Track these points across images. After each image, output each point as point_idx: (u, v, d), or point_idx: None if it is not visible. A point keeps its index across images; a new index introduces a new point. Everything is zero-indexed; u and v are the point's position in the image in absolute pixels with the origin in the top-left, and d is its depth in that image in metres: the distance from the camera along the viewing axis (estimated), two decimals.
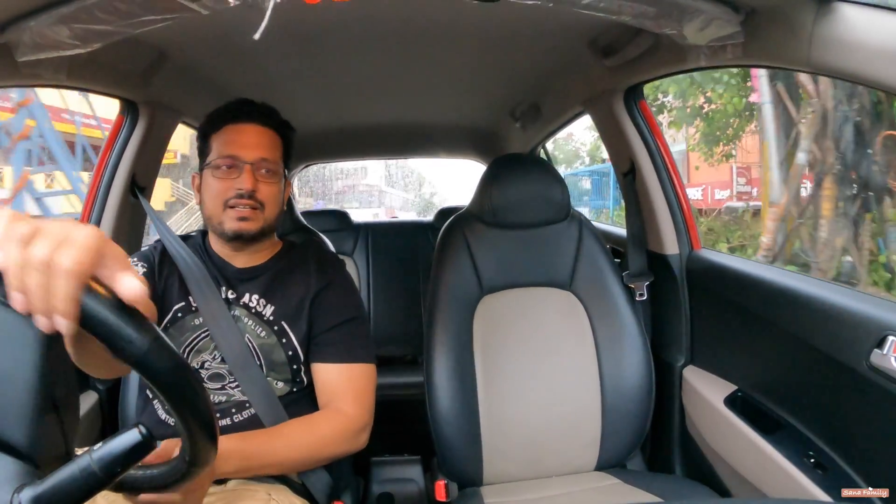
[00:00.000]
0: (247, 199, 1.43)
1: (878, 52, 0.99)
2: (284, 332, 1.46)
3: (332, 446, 1.37)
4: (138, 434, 0.66)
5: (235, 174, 1.43)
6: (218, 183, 1.44)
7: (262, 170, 1.45)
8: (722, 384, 1.75)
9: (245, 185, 1.42)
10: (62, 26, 1.14)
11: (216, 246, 1.54)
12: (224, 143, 1.46)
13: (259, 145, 1.46)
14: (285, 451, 1.29)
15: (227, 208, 1.44)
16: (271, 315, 1.47)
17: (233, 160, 1.44)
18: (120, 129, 1.87)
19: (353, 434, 1.40)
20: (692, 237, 1.97)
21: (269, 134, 1.50)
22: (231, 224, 1.44)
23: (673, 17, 1.21)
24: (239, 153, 1.44)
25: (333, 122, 2.94)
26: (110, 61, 1.58)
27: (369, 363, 1.50)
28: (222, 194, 1.44)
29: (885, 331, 1.20)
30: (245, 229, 1.44)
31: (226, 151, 1.45)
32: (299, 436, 1.33)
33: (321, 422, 1.39)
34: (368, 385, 1.48)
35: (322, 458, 1.37)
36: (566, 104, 2.40)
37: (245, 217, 1.44)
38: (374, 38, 1.79)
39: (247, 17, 1.40)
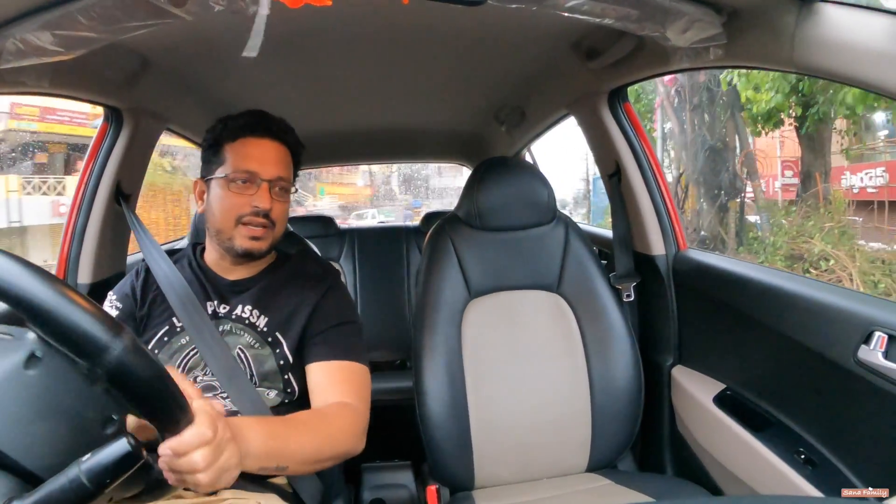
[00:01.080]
0: (262, 217, 1.42)
1: (860, 51, 1.00)
2: (278, 342, 1.45)
3: (343, 439, 1.29)
4: (126, 445, 0.66)
5: (252, 190, 1.42)
6: (232, 197, 1.43)
7: (277, 188, 1.45)
8: (710, 383, 1.76)
9: (263, 204, 1.41)
10: (46, 32, 1.13)
11: (211, 259, 1.53)
12: (242, 156, 1.44)
13: (277, 162, 1.46)
14: (305, 435, 1.20)
15: (239, 224, 1.43)
16: (265, 326, 1.45)
17: (250, 175, 1.42)
18: (104, 136, 1.86)
19: (361, 430, 1.36)
20: (678, 237, 1.98)
21: (285, 152, 1.49)
22: (242, 242, 1.43)
23: (656, 19, 1.22)
24: (258, 169, 1.43)
25: (319, 126, 2.93)
26: (94, 68, 1.57)
27: (365, 365, 1.48)
28: (236, 209, 1.42)
29: (871, 326, 1.22)
30: (256, 248, 1.44)
31: (244, 166, 1.43)
32: (315, 422, 1.27)
33: (333, 412, 1.33)
34: (366, 385, 1.46)
35: (335, 453, 1.28)
36: (550, 107, 2.41)
37: (257, 237, 1.43)
38: (358, 43, 1.79)
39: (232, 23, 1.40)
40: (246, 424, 1.06)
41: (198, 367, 1.43)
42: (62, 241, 1.85)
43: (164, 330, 1.44)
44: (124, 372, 0.69)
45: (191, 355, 1.43)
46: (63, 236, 1.85)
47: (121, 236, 1.95)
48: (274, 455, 1.11)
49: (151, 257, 1.53)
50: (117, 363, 0.68)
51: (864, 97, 7.44)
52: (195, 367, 1.43)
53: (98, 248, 1.85)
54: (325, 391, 1.40)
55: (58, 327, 0.66)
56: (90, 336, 0.67)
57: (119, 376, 0.69)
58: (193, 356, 1.43)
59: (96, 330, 0.67)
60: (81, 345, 0.67)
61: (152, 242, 1.59)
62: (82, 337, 0.67)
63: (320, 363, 1.43)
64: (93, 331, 0.67)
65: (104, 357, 0.67)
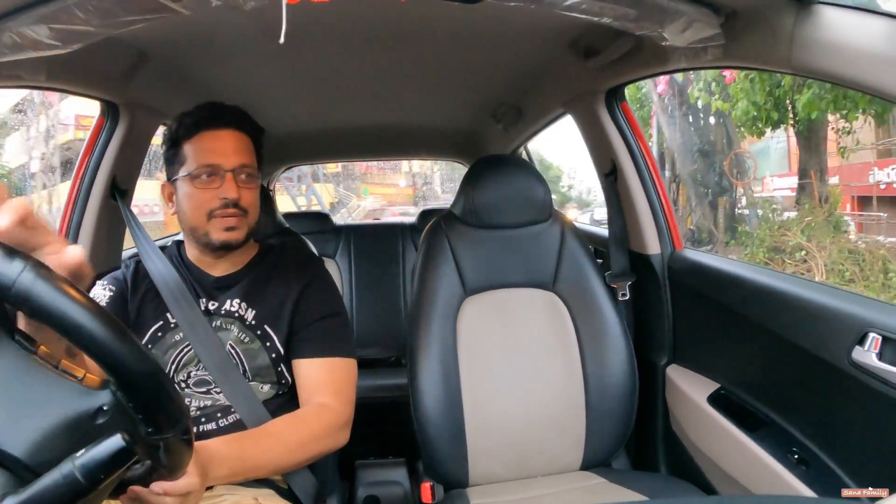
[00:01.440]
0: (232, 207, 1.41)
1: (858, 53, 1.00)
2: (267, 335, 1.45)
3: (321, 441, 1.35)
4: (121, 440, 0.66)
5: (217, 183, 1.41)
6: (200, 193, 1.42)
7: (243, 175, 1.43)
8: (705, 382, 1.76)
9: (230, 194, 1.40)
10: (42, 26, 1.12)
11: (193, 256, 1.53)
12: (201, 150, 1.43)
13: (238, 150, 1.44)
14: (277, 448, 1.27)
15: (211, 218, 1.41)
16: (253, 319, 1.45)
17: (213, 168, 1.41)
18: (100, 130, 1.85)
19: (338, 428, 1.39)
20: (674, 237, 1.98)
21: (244, 138, 1.48)
22: (218, 234, 1.42)
23: (654, 18, 1.22)
24: (219, 161, 1.41)
25: (315, 123, 2.93)
26: (91, 62, 1.56)
27: (349, 358, 1.48)
28: (205, 204, 1.41)
29: (866, 328, 1.22)
30: (233, 238, 1.43)
31: (205, 160, 1.42)
32: (289, 432, 1.31)
33: (308, 416, 1.37)
34: (349, 379, 1.47)
35: (311, 454, 1.34)
36: (547, 105, 2.41)
37: (232, 227, 1.42)
38: (356, 40, 1.78)
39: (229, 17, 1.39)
40: (215, 452, 1.13)
41: (192, 363, 1.43)
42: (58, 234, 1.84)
43: (158, 325, 1.44)
44: (179, 445, 0.76)
45: (185, 352, 1.43)
46: (58, 230, 1.84)
47: (116, 231, 1.94)
48: (241, 474, 1.20)
49: (145, 253, 1.52)
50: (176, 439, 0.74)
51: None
52: (189, 363, 1.43)
53: (94, 243, 1.84)
54: (309, 390, 1.43)
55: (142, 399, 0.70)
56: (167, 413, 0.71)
57: (173, 447, 0.75)
58: (187, 352, 1.43)
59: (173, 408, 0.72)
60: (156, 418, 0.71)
61: (146, 238, 1.58)
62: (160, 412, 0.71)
63: (304, 360, 1.45)
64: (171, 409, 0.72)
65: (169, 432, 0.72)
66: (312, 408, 1.39)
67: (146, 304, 1.46)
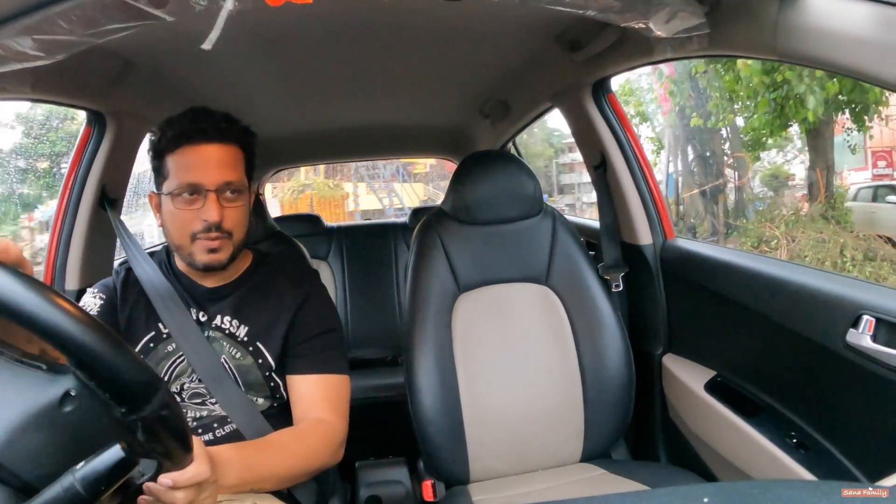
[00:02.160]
0: (215, 231, 1.35)
1: (842, 38, 1.01)
2: (259, 351, 1.43)
3: (321, 457, 1.33)
4: (120, 451, 0.66)
5: (199, 203, 1.34)
6: (181, 213, 1.36)
7: (227, 193, 1.36)
8: (701, 370, 1.77)
9: (211, 217, 1.33)
10: (26, 37, 1.11)
11: (182, 266, 1.48)
12: (183, 168, 1.35)
13: (221, 167, 1.36)
14: (280, 460, 1.25)
15: (195, 240, 1.36)
16: (245, 336, 1.43)
17: (193, 187, 1.34)
18: (88, 140, 1.84)
19: (336, 445, 1.38)
20: (665, 227, 1.99)
21: (230, 151, 1.39)
22: (201, 257, 1.37)
23: (638, 10, 1.22)
24: (200, 179, 1.34)
25: (303, 125, 2.92)
26: (76, 72, 1.55)
27: (344, 374, 1.46)
28: (187, 225, 1.36)
29: (860, 310, 1.23)
30: (216, 260, 1.37)
31: (186, 178, 1.34)
32: (291, 445, 1.30)
33: (307, 431, 1.35)
34: (343, 396, 1.45)
35: (311, 469, 1.33)
36: (535, 99, 2.42)
37: (214, 249, 1.36)
38: (341, 40, 1.78)
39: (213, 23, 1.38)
40: (225, 458, 1.11)
41: (184, 374, 1.41)
42: (48, 247, 1.83)
43: (150, 336, 1.42)
44: (161, 423, 0.71)
45: (177, 363, 1.41)
46: (49, 243, 1.83)
47: (107, 241, 1.93)
48: (248, 483, 1.17)
49: (136, 262, 1.49)
50: (155, 415, 0.70)
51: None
52: (182, 374, 1.41)
53: (85, 253, 1.83)
54: (304, 407, 1.41)
55: (103, 374, 0.67)
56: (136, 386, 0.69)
57: (153, 426, 0.71)
58: (180, 363, 1.41)
59: (143, 379, 0.70)
60: (124, 394, 0.68)
61: (137, 247, 1.56)
62: (126, 386, 0.68)
63: (299, 377, 1.43)
64: (138, 381, 0.69)
65: (146, 408, 0.69)
66: (311, 423, 1.37)
67: (137, 314, 1.43)
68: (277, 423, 1.40)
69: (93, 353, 0.65)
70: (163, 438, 0.74)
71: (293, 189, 18.79)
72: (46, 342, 0.65)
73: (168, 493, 0.93)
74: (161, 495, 0.93)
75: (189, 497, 0.95)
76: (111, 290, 1.47)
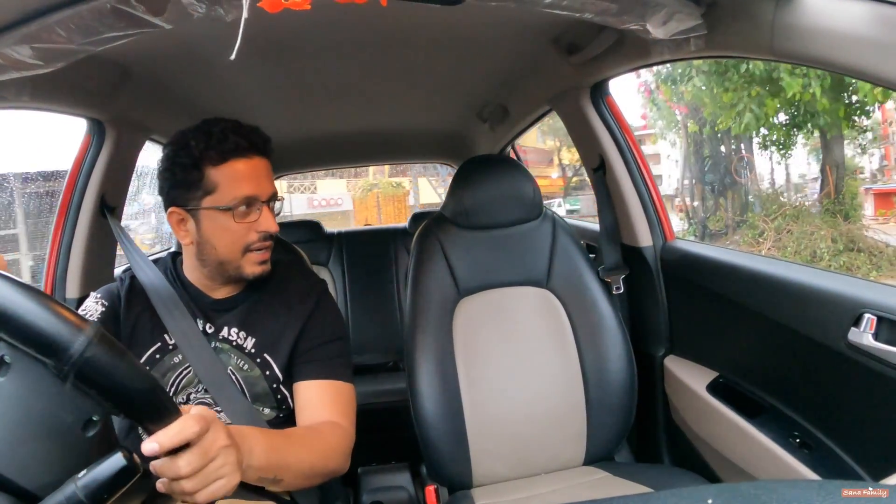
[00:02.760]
0: (269, 240, 1.39)
1: (839, 37, 1.01)
2: (267, 363, 1.42)
3: (335, 458, 1.31)
4: (122, 459, 0.65)
5: (254, 216, 1.37)
6: (237, 228, 1.36)
7: (272, 205, 1.41)
8: (703, 371, 1.77)
9: (272, 228, 1.38)
10: (24, 46, 1.11)
11: (193, 276, 1.47)
12: (236, 180, 1.35)
13: (269, 179, 1.40)
14: (303, 452, 1.22)
15: (247, 252, 1.38)
16: (252, 347, 1.42)
17: (251, 200, 1.36)
18: (87, 148, 1.84)
19: (348, 450, 1.36)
20: (665, 229, 1.99)
21: (268, 164, 1.43)
22: (252, 269, 1.39)
23: (635, 12, 1.22)
24: (256, 192, 1.36)
25: (302, 131, 2.93)
26: (74, 80, 1.55)
27: (350, 383, 1.46)
28: (242, 239, 1.37)
29: (861, 308, 1.23)
30: (266, 271, 1.41)
31: (243, 192, 1.35)
32: (310, 439, 1.28)
33: (325, 430, 1.33)
34: (352, 404, 1.44)
35: (325, 469, 1.29)
36: (533, 103, 2.42)
37: (265, 260, 1.40)
38: (339, 46, 1.78)
39: (212, 30, 1.39)
40: (250, 434, 1.07)
41: (191, 385, 1.41)
42: (48, 256, 1.83)
43: (156, 347, 1.41)
44: (92, 366, 0.68)
45: (184, 374, 1.40)
46: (49, 251, 1.83)
47: (108, 249, 1.93)
48: (273, 467, 1.11)
49: (140, 269, 1.48)
50: (83, 358, 0.67)
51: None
52: (188, 385, 1.41)
53: (85, 262, 1.83)
54: (314, 410, 1.39)
55: (19, 327, 0.65)
56: (52, 333, 0.66)
57: (87, 371, 0.68)
58: (187, 374, 1.40)
59: (59, 326, 0.67)
60: (45, 343, 0.66)
61: (140, 254, 1.55)
62: (45, 334, 0.66)
63: (308, 382, 1.42)
64: (55, 327, 0.66)
65: (69, 352, 0.66)
66: (326, 424, 1.35)
67: (142, 324, 1.42)
68: None
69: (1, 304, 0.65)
70: (108, 385, 0.70)
71: (363, 188, 20.00)
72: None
73: (167, 464, 0.83)
74: (163, 471, 0.84)
75: (192, 462, 0.84)
76: (115, 297, 1.45)
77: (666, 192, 16.65)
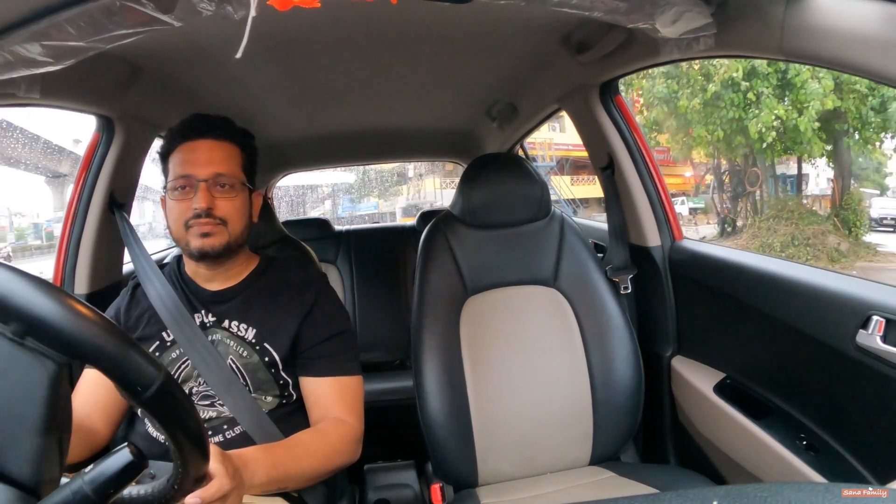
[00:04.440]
0: (205, 217, 1.39)
1: (848, 37, 1.00)
2: (266, 350, 1.44)
3: (342, 455, 1.37)
4: (129, 454, 0.66)
5: (192, 193, 1.41)
6: (177, 205, 1.42)
7: (218, 185, 1.42)
8: (710, 372, 1.76)
9: (200, 204, 1.39)
10: (34, 44, 1.12)
11: (190, 270, 1.53)
12: (178, 163, 1.44)
13: (212, 161, 1.43)
14: (307, 459, 1.29)
15: (188, 228, 1.41)
16: (253, 337, 1.45)
17: (187, 180, 1.41)
18: (97, 145, 1.85)
19: (355, 443, 1.41)
20: (673, 228, 1.98)
21: (223, 147, 1.46)
22: (195, 242, 1.41)
23: (644, 11, 1.22)
24: (192, 171, 1.41)
25: (311, 129, 2.93)
26: (84, 77, 1.56)
27: (357, 375, 1.49)
28: (182, 216, 1.42)
29: (869, 310, 1.22)
30: (209, 245, 1.41)
31: (180, 171, 1.42)
32: (314, 445, 1.33)
33: (329, 430, 1.38)
34: (358, 396, 1.48)
35: (333, 466, 1.36)
36: (542, 102, 2.41)
37: (207, 233, 1.40)
38: (349, 44, 1.78)
39: (221, 28, 1.39)
40: (253, 459, 1.15)
41: (191, 378, 1.43)
42: (58, 251, 1.84)
43: (155, 345, 1.44)
44: (167, 396, 0.70)
45: (182, 368, 1.43)
46: (58, 247, 1.84)
47: (116, 246, 1.94)
48: (276, 482, 1.21)
49: (143, 271, 1.53)
50: (160, 391, 0.68)
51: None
52: (188, 378, 1.43)
53: (94, 258, 1.84)
54: (321, 408, 1.44)
55: (107, 364, 0.66)
56: (138, 371, 0.68)
57: (161, 401, 0.69)
58: (185, 367, 1.43)
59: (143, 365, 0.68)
60: (129, 380, 0.68)
61: (144, 255, 1.59)
62: (131, 372, 0.67)
63: (314, 379, 1.46)
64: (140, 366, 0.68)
65: (149, 389, 0.68)
66: (331, 423, 1.40)
67: (143, 325, 1.46)
68: (287, 424, 1.42)
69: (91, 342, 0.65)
70: (168, 426, 0.72)
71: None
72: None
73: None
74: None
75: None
76: (116, 307, 1.52)
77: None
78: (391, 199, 20.88)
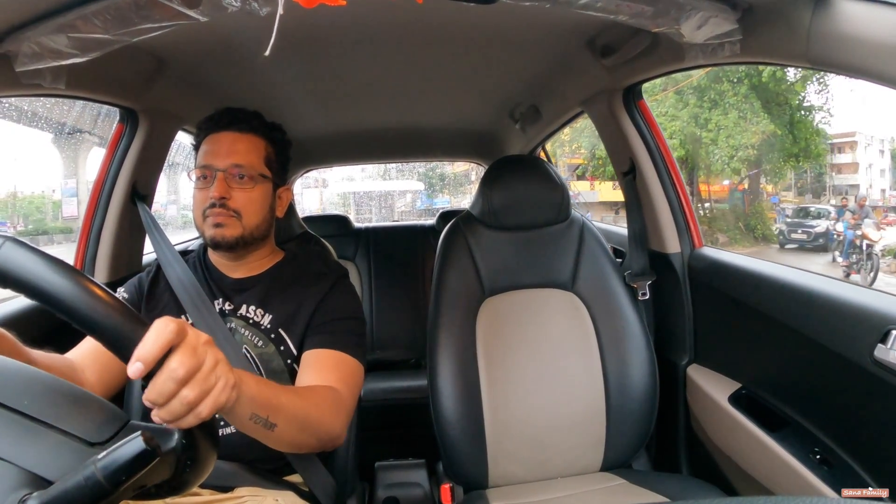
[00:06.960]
0: (219, 207, 1.41)
1: (876, 46, 0.99)
2: (282, 339, 1.45)
3: (328, 417, 1.26)
4: (142, 442, 0.66)
5: (210, 183, 1.43)
6: (198, 194, 1.46)
7: (236, 176, 1.43)
8: (726, 382, 1.74)
9: (213, 193, 1.41)
10: (61, 35, 1.14)
11: (214, 258, 1.54)
12: (203, 153, 1.47)
13: (232, 152, 1.45)
14: (293, 398, 1.18)
15: (205, 218, 1.43)
16: (269, 323, 1.45)
17: (207, 170, 1.44)
18: (120, 137, 1.87)
19: (344, 415, 1.32)
20: (694, 235, 1.97)
21: (246, 139, 1.48)
22: (209, 231, 1.43)
23: (670, 15, 1.21)
24: (212, 162, 1.44)
25: (334, 126, 2.94)
26: (109, 69, 1.58)
27: (359, 361, 1.44)
28: (200, 205, 1.44)
29: (889, 325, 1.20)
30: (221, 235, 1.42)
31: (202, 161, 1.45)
32: (301, 391, 1.28)
33: (318, 390, 1.31)
34: (355, 378, 1.42)
35: (317, 426, 1.24)
36: (565, 104, 2.40)
37: (220, 223, 1.42)
38: (373, 42, 1.79)
39: (246, 24, 1.40)
40: (238, 369, 1.00)
41: None
42: (79, 240, 1.87)
43: None
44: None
45: None
46: (80, 236, 1.87)
47: (137, 236, 1.96)
48: (265, 404, 1.07)
49: (165, 259, 1.54)
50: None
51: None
52: None
53: (115, 247, 1.87)
54: (312, 374, 1.37)
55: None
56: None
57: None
58: None
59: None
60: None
61: (166, 243, 1.60)
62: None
63: (314, 350, 1.42)
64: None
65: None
66: (321, 386, 1.33)
67: (164, 309, 1.46)
68: None
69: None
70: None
71: None
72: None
73: (159, 381, 0.76)
74: (158, 390, 0.76)
75: (185, 362, 0.78)
76: (137, 287, 1.53)
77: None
78: (459, 196, 22.09)
